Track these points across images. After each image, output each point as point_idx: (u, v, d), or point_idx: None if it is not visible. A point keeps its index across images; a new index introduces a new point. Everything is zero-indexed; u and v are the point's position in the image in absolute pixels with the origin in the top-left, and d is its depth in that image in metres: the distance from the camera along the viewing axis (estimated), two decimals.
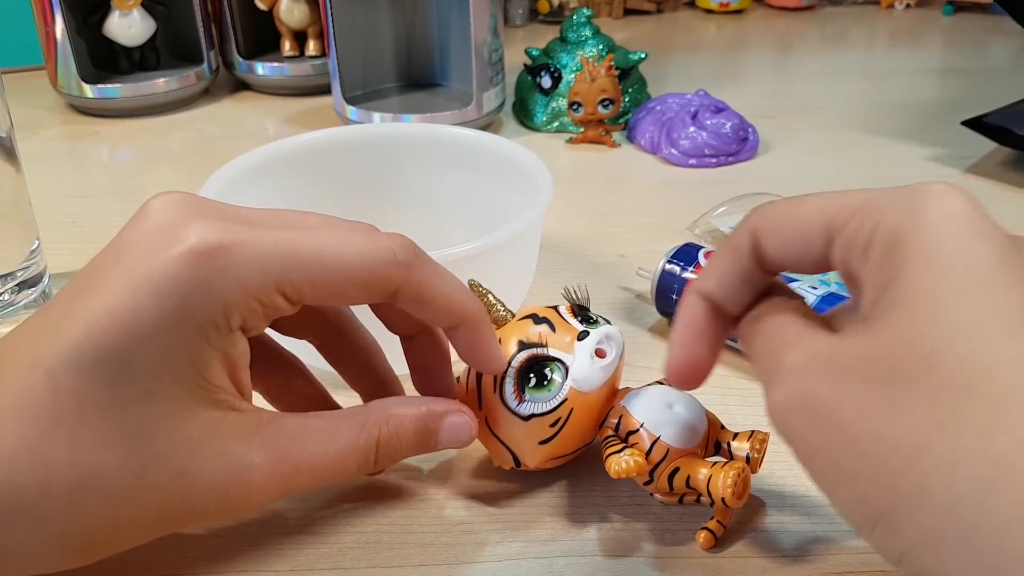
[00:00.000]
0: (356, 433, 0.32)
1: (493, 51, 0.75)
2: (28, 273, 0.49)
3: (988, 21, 1.11)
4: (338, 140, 0.53)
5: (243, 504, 0.30)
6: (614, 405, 0.35)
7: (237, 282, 0.28)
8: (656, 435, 0.34)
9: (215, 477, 0.29)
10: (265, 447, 0.30)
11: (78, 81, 0.81)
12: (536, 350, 0.34)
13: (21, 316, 0.49)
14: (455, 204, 0.53)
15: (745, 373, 0.44)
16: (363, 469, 0.32)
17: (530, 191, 0.45)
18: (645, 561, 0.34)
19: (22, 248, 0.49)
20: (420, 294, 0.31)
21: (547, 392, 0.34)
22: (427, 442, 0.33)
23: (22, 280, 0.49)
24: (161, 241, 0.28)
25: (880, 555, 0.23)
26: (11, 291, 0.48)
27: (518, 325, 0.35)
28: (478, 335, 0.33)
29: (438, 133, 0.54)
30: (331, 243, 0.30)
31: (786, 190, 0.61)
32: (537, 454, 0.35)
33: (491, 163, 0.51)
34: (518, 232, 0.41)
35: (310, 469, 0.31)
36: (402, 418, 0.33)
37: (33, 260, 0.50)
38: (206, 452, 0.29)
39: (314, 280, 0.29)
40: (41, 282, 0.51)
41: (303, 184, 0.52)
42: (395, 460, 0.34)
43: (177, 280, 0.27)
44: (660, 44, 1.03)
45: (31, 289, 0.50)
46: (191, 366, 0.28)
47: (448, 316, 0.32)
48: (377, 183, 0.54)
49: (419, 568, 0.34)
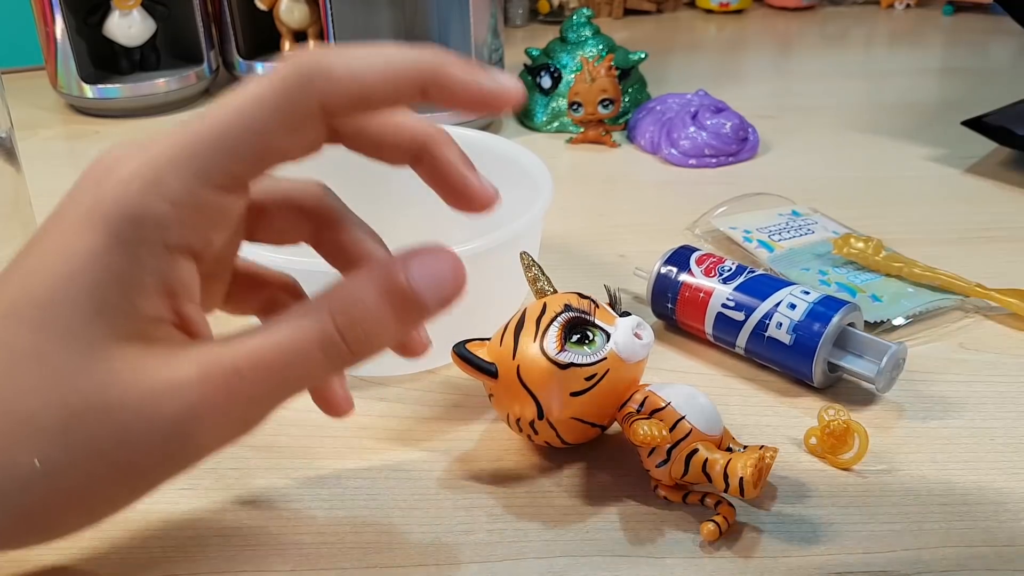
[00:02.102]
0: (303, 313, 0.27)
1: (493, 51, 0.75)
2: None
3: (988, 21, 1.11)
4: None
5: (190, 437, 0.27)
6: (637, 390, 0.36)
7: (158, 193, 0.26)
8: (682, 414, 0.35)
9: (147, 409, 0.26)
10: (196, 361, 0.26)
11: (78, 81, 0.81)
12: (582, 314, 0.36)
13: None
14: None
15: (745, 372, 0.44)
16: (332, 353, 0.26)
17: (530, 191, 0.45)
18: (645, 561, 0.34)
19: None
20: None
21: (588, 348, 0.36)
22: (397, 293, 0.27)
23: None
24: (90, 183, 0.27)
25: None
26: None
27: (565, 295, 0.38)
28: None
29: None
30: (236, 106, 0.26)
31: (786, 190, 0.61)
32: (566, 406, 0.36)
33: (491, 163, 0.51)
34: (518, 232, 0.41)
35: (252, 369, 0.26)
36: (358, 276, 0.27)
37: None
38: (135, 385, 0.26)
39: (235, 152, 0.26)
40: None
41: None
42: (373, 332, 0.27)
43: (103, 212, 0.26)
44: (660, 44, 1.03)
45: None
46: (122, 297, 0.26)
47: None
48: (378, 183, 0.54)
49: (419, 568, 0.34)
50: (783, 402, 0.42)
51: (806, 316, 0.41)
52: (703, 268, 0.45)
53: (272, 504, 0.37)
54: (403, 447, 0.40)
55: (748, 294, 0.44)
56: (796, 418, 0.41)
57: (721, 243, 0.56)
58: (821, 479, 0.37)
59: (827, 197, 0.61)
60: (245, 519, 0.36)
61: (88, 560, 0.34)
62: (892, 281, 0.50)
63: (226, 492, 0.37)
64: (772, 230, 0.55)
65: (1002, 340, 0.47)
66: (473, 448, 0.40)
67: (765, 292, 0.43)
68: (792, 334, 0.41)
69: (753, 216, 0.57)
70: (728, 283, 0.44)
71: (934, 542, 0.34)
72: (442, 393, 0.43)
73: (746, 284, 0.44)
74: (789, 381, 0.44)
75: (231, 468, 0.39)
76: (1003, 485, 0.37)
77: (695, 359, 0.46)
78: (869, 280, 0.50)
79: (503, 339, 0.37)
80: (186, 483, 0.38)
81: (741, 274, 0.45)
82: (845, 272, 0.51)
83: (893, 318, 0.47)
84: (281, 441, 0.40)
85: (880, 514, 0.35)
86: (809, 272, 0.51)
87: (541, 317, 0.36)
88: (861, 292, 0.49)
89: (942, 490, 0.37)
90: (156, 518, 0.36)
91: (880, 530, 0.35)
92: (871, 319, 0.46)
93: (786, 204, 0.60)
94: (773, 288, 0.43)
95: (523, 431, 0.37)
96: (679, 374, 0.45)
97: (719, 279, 0.45)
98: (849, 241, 0.52)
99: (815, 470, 0.38)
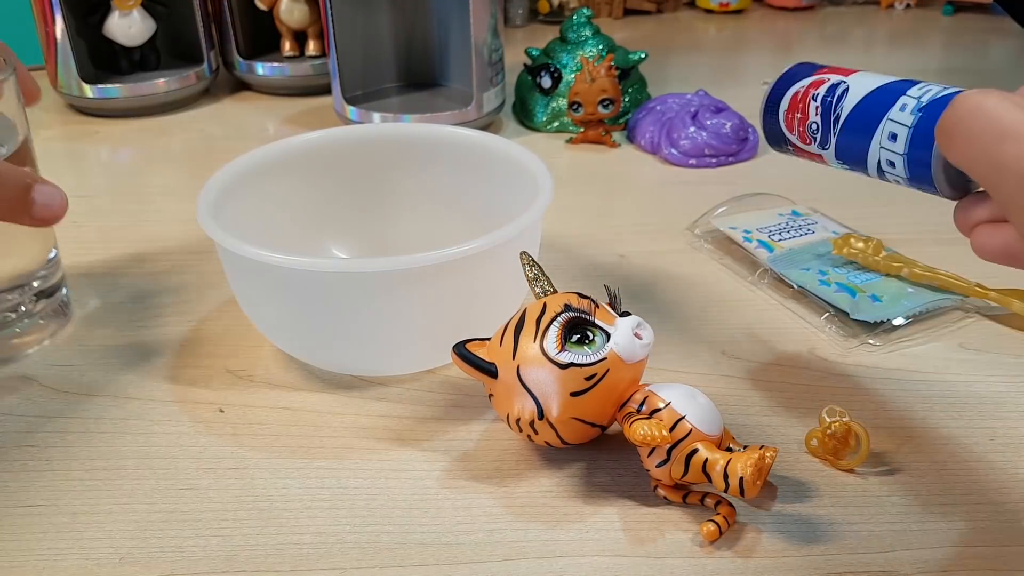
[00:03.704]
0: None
1: (493, 51, 0.75)
2: (46, 283, 0.48)
3: (988, 21, 1.11)
4: (339, 140, 0.53)
5: None
6: (637, 390, 0.36)
7: None
8: (682, 414, 0.35)
9: None
10: None
11: (78, 81, 0.81)
12: (582, 314, 0.36)
13: (40, 326, 0.48)
14: (456, 204, 0.53)
15: (745, 373, 0.44)
16: None
17: (531, 191, 0.45)
18: (645, 561, 0.34)
19: (39, 256, 0.48)
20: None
21: (588, 348, 0.36)
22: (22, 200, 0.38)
23: (40, 290, 0.48)
24: None
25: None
26: (30, 301, 0.48)
27: (565, 295, 0.37)
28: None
29: (439, 133, 0.54)
30: None
31: (786, 190, 0.61)
32: (565, 406, 0.36)
33: (492, 163, 0.51)
34: (518, 231, 0.41)
35: None
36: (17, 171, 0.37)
37: (50, 269, 0.49)
38: None
39: None
40: (59, 292, 0.50)
41: (305, 183, 0.52)
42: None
43: None
44: (660, 44, 1.03)
45: (49, 299, 0.49)
46: None
47: None
48: (378, 183, 0.54)
49: (419, 568, 0.34)
50: (783, 402, 0.42)
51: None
52: (796, 135, 0.40)
53: (272, 504, 0.37)
54: (403, 447, 0.40)
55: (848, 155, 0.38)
56: (796, 418, 0.41)
57: (721, 243, 0.56)
58: (821, 479, 0.37)
59: (827, 197, 0.61)
60: (245, 519, 0.36)
61: (88, 560, 0.34)
62: (892, 281, 0.50)
63: (225, 492, 0.37)
64: (772, 230, 0.55)
65: (1002, 340, 0.47)
66: (473, 448, 0.40)
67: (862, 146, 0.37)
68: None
69: (753, 216, 0.57)
70: (825, 147, 0.38)
71: (934, 542, 0.34)
72: (442, 393, 0.43)
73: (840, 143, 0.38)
74: (789, 381, 0.44)
75: (230, 468, 0.39)
76: (1003, 485, 0.37)
77: (695, 359, 0.46)
78: (869, 280, 0.50)
79: (503, 339, 0.37)
80: (186, 483, 0.38)
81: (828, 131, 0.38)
82: (845, 272, 0.51)
83: (893, 318, 0.47)
84: (281, 441, 0.40)
85: (880, 514, 0.35)
86: (809, 272, 0.51)
87: (541, 317, 0.36)
88: (861, 292, 0.49)
89: (942, 490, 0.37)
90: (156, 518, 0.36)
91: (880, 530, 0.35)
92: (871, 319, 0.47)
93: (786, 204, 0.60)
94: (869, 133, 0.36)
95: (523, 431, 0.37)
96: (679, 374, 0.45)
97: (816, 145, 0.39)
98: (849, 241, 0.52)
99: (815, 470, 0.38)
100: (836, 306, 0.48)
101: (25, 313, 0.47)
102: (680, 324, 0.49)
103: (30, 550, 0.35)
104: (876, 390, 0.43)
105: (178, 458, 0.39)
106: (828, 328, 0.47)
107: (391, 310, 0.41)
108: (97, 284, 0.54)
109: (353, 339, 0.42)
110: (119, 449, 0.40)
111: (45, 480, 0.38)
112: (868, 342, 0.46)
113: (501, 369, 0.36)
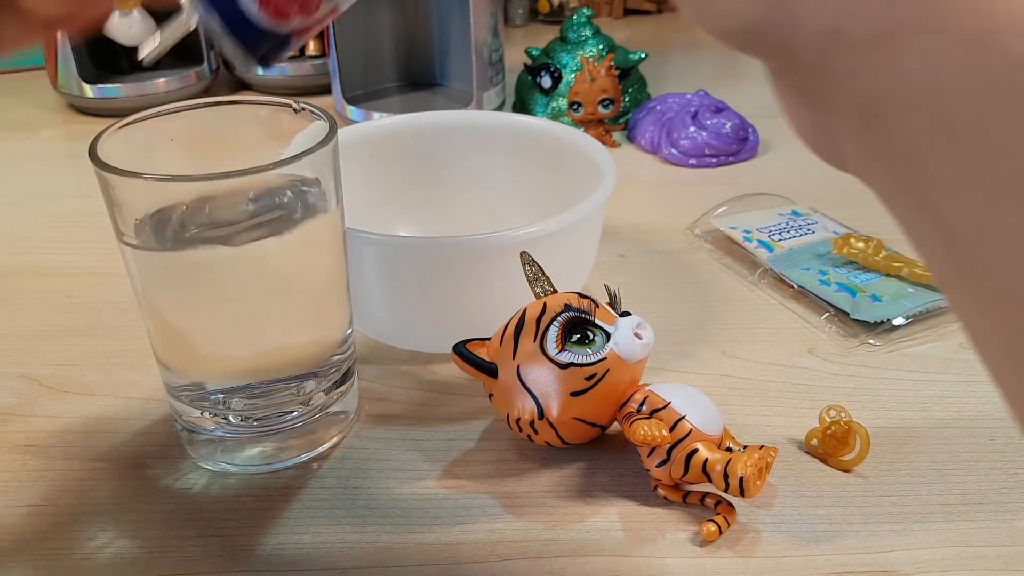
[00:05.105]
0: None
1: (493, 51, 0.75)
2: (339, 372, 0.39)
3: None
4: (401, 127, 0.55)
5: None
6: (637, 390, 0.36)
7: None
8: (682, 414, 0.35)
9: None
10: None
11: (78, 81, 0.81)
12: (582, 314, 0.36)
13: (333, 425, 0.39)
14: (517, 189, 0.54)
15: (745, 372, 0.44)
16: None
17: (592, 177, 0.47)
18: (645, 561, 0.34)
19: (334, 334, 0.38)
20: None
21: (589, 348, 0.36)
22: None
23: (334, 381, 0.39)
24: None
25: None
26: (324, 392, 0.38)
27: (565, 294, 0.37)
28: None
29: (502, 121, 0.56)
30: None
31: (786, 190, 0.61)
32: (565, 406, 0.36)
33: (553, 148, 0.52)
34: (579, 217, 0.42)
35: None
36: None
37: (345, 351, 0.39)
38: None
39: None
40: (350, 378, 0.40)
41: (368, 168, 0.53)
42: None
43: None
44: (660, 44, 1.03)
45: (340, 387, 0.39)
46: None
47: None
48: (438, 168, 0.55)
49: (419, 568, 0.34)
50: (783, 402, 0.42)
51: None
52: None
53: (272, 504, 0.37)
54: (403, 447, 0.40)
55: None
56: (796, 418, 0.41)
57: (721, 243, 0.56)
58: (821, 479, 0.37)
59: (827, 197, 0.61)
60: (245, 519, 0.36)
61: (89, 560, 0.34)
62: (892, 281, 0.50)
63: (225, 492, 0.37)
64: (772, 230, 0.55)
65: None
66: (473, 448, 0.40)
67: None
68: None
69: (753, 216, 0.57)
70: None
71: (934, 542, 0.34)
72: (442, 393, 0.43)
73: None
74: (789, 381, 0.44)
75: (230, 468, 0.39)
76: (1003, 485, 0.37)
77: (695, 359, 0.46)
78: (869, 280, 0.50)
79: (503, 339, 0.37)
80: (185, 483, 0.38)
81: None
82: (845, 272, 0.51)
83: (893, 318, 0.47)
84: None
85: (880, 514, 0.35)
86: (809, 272, 0.51)
87: (541, 317, 0.36)
88: (861, 292, 0.49)
89: (942, 490, 0.37)
90: (156, 518, 0.36)
91: (880, 530, 0.35)
92: (871, 319, 0.47)
93: (786, 204, 0.60)
94: None
95: (523, 431, 0.37)
96: (679, 374, 0.45)
97: None
98: (849, 241, 0.52)
99: (815, 470, 0.38)
100: (836, 306, 0.48)
101: (318, 407, 0.39)
102: (680, 324, 0.49)
103: (30, 550, 0.35)
104: (876, 390, 0.43)
105: (178, 458, 0.39)
106: (828, 328, 0.47)
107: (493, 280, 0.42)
108: (98, 284, 0.54)
109: (456, 312, 0.43)
110: (119, 449, 0.40)
111: (45, 480, 0.38)
112: (868, 342, 0.46)
113: (501, 369, 0.36)
